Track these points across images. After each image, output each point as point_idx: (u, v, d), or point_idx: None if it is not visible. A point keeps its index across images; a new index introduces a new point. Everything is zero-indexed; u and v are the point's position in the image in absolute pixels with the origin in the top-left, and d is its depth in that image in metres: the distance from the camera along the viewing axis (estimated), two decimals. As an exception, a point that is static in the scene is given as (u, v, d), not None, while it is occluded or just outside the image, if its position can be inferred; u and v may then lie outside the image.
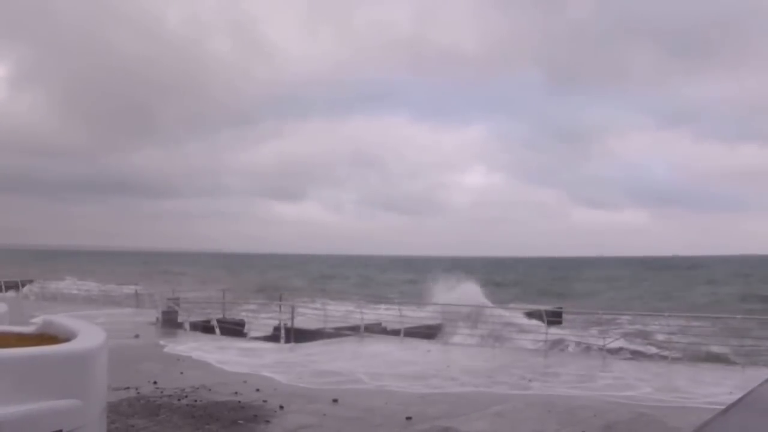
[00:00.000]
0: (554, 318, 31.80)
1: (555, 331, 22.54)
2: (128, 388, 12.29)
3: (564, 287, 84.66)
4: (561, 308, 38.57)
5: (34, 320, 6.86)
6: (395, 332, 22.39)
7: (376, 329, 23.73)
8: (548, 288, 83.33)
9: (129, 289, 38.28)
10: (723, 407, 6.54)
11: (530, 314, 30.41)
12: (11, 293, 37.30)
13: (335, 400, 11.78)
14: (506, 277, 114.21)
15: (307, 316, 27.25)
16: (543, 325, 21.54)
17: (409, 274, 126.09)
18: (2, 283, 38.39)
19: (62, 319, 6.99)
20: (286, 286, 71.27)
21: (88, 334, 6.13)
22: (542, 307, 31.97)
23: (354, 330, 22.70)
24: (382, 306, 30.97)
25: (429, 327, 23.73)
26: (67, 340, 5.94)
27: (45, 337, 6.30)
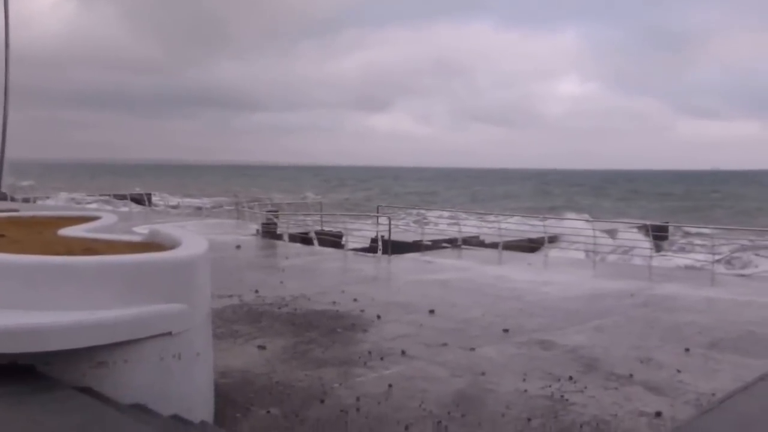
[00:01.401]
0: (660, 233, 31.04)
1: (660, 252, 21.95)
2: (231, 296, 12.92)
3: (675, 202, 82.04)
4: (667, 223, 37.53)
5: (137, 229, 7.24)
6: (494, 245, 22.42)
7: (474, 242, 23.82)
8: (658, 203, 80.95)
9: (228, 203, 39.64)
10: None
11: (636, 229, 29.75)
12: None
13: (432, 311, 12.02)
14: (609, 190, 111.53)
15: (404, 229, 27.62)
16: (648, 240, 21.07)
17: (506, 186, 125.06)
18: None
19: (167, 228, 7.36)
20: (382, 200, 72.09)
21: (192, 243, 6.44)
22: (648, 222, 31.20)
23: (451, 243, 22.87)
24: (481, 218, 30.97)
25: (531, 240, 23.62)
26: (172, 248, 6.27)
27: (152, 246, 6.66)
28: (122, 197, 40.97)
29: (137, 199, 40.89)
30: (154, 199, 48.06)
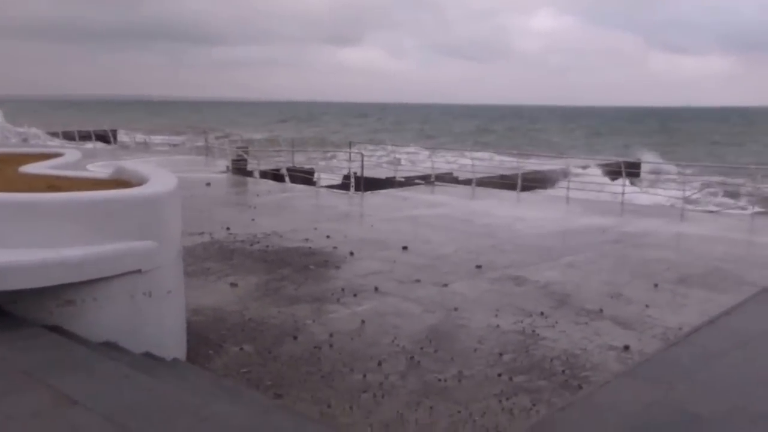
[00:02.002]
0: (632, 170, 31.33)
1: (632, 188, 22.16)
2: (202, 233, 12.86)
3: (647, 138, 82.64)
4: (639, 160, 37.88)
5: (95, 167, 7.11)
6: (467, 182, 22.48)
7: (447, 178, 23.85)
8: (631, 139, 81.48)
9: (196, 139, 39.00)
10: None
11: (606, 166, 29.98)
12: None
13: (405, 248, 12.08)
14: (582, 126, 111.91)
15: (377, 165, 27.57)
16: (620, 179, 21.29)
17: (480, 121, 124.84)
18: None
19: (135, 165, 7.24)
20: (355, 136, 71.75)
21: (160, 179, 6.35)
22: (620, 159, 31.44)
23: (425, 179, 22.88)
24: (455, 155, 30.95)
25: (503, 177, 23.66)
26: (140, 185, 6.17)
27: (119, 182, 6.56)
28: (86, 134, 39.64)
29: (102, 136, 39.80)
30: (119, 135, 46.83)
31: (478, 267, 10.86)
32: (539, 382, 6.46)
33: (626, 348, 7.41)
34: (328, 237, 12.90)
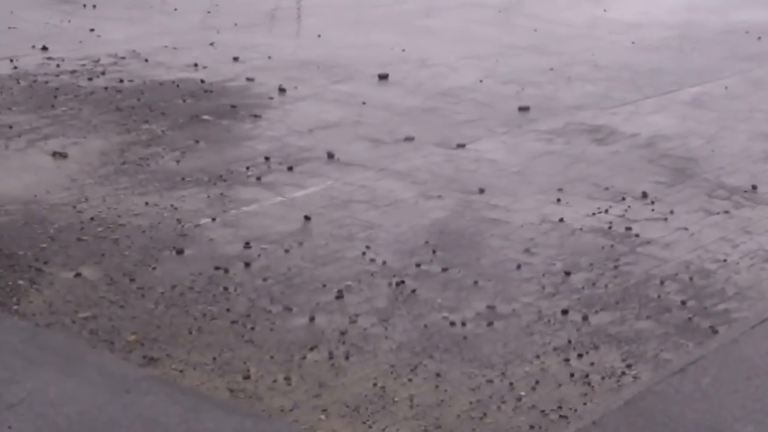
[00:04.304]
0: None
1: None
2: (-4, 57, 12.75)
3: None
4: None
5: None
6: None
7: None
8: None
9: None
10: None
11: None
12: None
13: (383, 77, 12.07)
14: None
15: None
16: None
17: None
18: None
19: None
20: None
21: None
22: None
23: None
24: None
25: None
26: None
27: None
28: None
29: None
30: None
31: (524, 109, 10.86)
32: (639, 324, 6.54)
33: (800, 258, 7.50)
34: (236, 59, 12.85)
